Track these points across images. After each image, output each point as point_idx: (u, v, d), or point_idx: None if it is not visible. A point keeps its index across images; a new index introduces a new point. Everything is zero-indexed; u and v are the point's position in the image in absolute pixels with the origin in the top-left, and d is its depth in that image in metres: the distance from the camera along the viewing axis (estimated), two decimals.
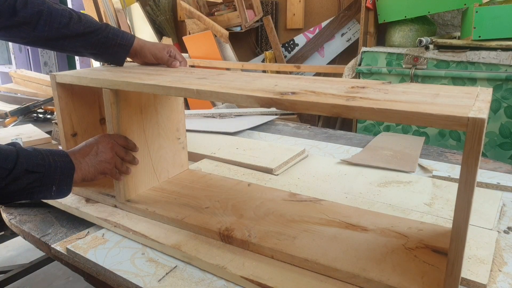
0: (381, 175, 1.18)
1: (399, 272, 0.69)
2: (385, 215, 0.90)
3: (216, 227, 0.85)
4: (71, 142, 1.05)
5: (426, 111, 0.57)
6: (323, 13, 2.92)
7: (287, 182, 1.14)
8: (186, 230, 0.88)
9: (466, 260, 0.74)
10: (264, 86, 0.78)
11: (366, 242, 0.79)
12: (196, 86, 0.80)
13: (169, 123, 1.07)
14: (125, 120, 0.94)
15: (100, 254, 0.83)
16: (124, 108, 0.93)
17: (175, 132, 1.10)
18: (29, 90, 2.55)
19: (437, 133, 2.01)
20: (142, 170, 1.01)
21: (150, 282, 0.74)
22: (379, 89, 0.73)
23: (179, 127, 1.11)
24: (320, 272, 0.73)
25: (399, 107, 0.60)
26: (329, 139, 1.57)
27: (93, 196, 1.02)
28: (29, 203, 1.07)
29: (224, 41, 3.01)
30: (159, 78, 0.89)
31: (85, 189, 1.04)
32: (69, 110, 1.03)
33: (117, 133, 0.93)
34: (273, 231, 0.83)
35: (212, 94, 0.76)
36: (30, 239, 0.96)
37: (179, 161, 1.13)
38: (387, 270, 0.70)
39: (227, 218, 0.89)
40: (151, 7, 3.45)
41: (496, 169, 1.21)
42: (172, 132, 1.09)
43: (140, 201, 0.97)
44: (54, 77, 0.99)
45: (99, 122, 1.11)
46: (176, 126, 1.10)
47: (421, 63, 1.99)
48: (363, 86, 0.76)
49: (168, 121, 1.07)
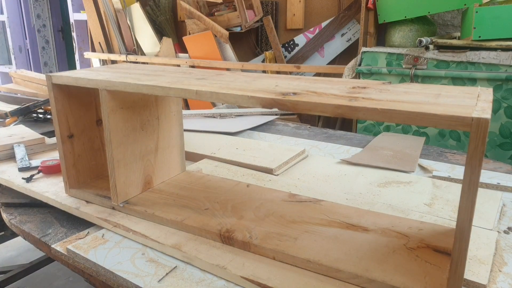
0: (381, 175, 1.18)
1: (401, 272, 0.69)
2: (385, 215, 0.90)
3: (217, 228, 0.84)
4: (67, 144, 1.03)
5: (429, 112, 0.57)
6: (323, 13, 2.92)
7: (287, 182, 1.14)
8: (185, 231, 0.87)
9: (466, 261, 0.74)
10: (265, 87, 0.78)
11: (368, 242, 0.79)
12: (196, 86, 0.79)
13: (167, 124, 1.06)
14: (121, 122, 0.93)
15: (100, 254, 0.83)
16: (121, 109, 0.93)
17: (172, 133, 1.09)
18: (29, 90, 2.55)
19: (437, 133, 2.01)
20: (139, 172, 1.00)
21: (150, 282, 0.74)
22: (380, 89, 0.73)
23: (176, 127, 1.11)
24: (323, 273, 0.73)
25: (402, 107, 0.60)
26: (329, 139, 1.57)
27: (90, 198, 1.01)
28: (29, 203, 1.07)
29: (224, 41, 3.02)
30: (158, 79, 0.88)
31: (82, 191, 1.02)
32: (65, 111, 1.02)
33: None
34: (274, 232, 0.83)
35: (212, 95, 0.75)
36: (30, 239, 0.96)
37: (177, 162, 1.12)
38: (390, 270, 0.70)
39: (227, 219, 0.88)
40: (151, 7, 3.45)
41: (496, 169, 1.21)
42: (169, 133, 1.08)
43: (138, 203, 0.96)
44: (50, 78, 0.98)
45: (96, 124, 1.10)
46: (173, 127, 1.09)
47: (421, 63, 1.99)
48: (364, 86, 0.76)
49: (166, 121, 1.06)
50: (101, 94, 0.89)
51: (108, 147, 0.92)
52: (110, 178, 0.95)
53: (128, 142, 0.96)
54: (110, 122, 0.91)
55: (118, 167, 0.94)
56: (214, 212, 0.92)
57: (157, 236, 0.86)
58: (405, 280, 0.67)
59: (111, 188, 0.96)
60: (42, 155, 1.33)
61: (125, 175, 0.96)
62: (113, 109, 0.91)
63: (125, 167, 0.96)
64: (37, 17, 4.87)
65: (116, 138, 0.92)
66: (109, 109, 0.90)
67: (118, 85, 0.87)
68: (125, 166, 0.96)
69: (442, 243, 0.77)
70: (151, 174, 1.04)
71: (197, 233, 0.86)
